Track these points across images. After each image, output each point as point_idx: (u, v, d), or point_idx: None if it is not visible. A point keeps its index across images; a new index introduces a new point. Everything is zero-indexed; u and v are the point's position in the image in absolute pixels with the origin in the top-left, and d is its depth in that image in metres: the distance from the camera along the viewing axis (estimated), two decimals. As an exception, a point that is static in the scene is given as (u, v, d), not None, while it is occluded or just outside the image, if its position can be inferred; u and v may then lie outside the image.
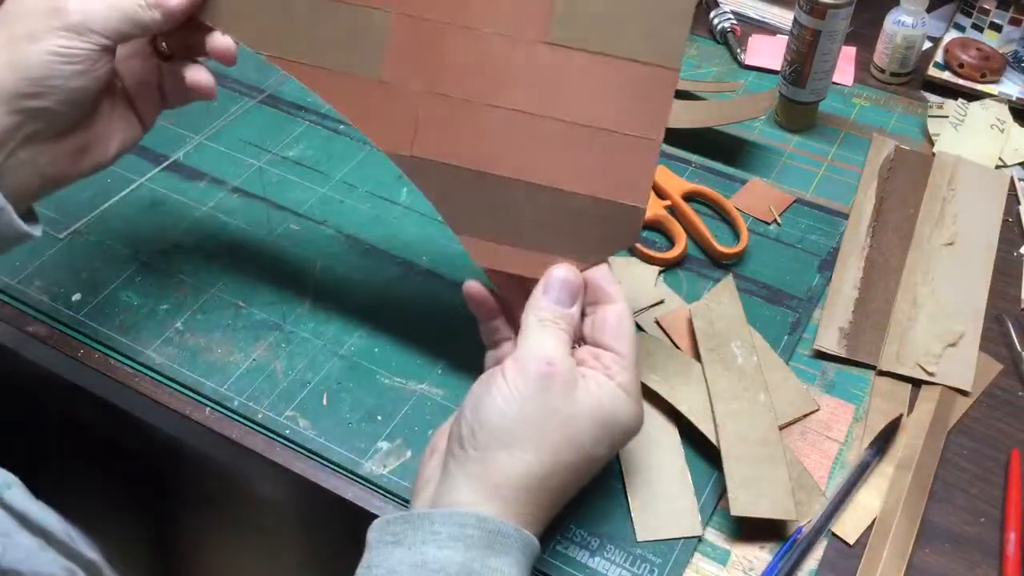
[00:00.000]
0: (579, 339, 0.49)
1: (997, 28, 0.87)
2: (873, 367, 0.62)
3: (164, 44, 0.56)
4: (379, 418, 0.59)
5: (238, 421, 0.59)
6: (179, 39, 0.55)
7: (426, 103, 0.51)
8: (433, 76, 0.51)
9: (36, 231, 0.52)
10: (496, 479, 0.44)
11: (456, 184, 0.51)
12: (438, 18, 0.51)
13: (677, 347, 0.61)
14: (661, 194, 0.73)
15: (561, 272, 0.49)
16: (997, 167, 0.77)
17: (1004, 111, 0.81)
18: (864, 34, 0.90)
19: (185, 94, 0.57)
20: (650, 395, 0.58)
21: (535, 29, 0.50)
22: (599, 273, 0.49)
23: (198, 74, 0.55)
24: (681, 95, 0.84)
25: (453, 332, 0.62)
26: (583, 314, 0.49)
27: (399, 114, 0.51)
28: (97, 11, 0.49)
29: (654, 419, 0.58)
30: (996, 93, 0.83)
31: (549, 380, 0.45)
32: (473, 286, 0.53)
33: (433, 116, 0.51)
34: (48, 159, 0.51)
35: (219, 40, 0.54)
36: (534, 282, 0.50)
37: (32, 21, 0.48)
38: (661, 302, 0.65)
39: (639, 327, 0.63)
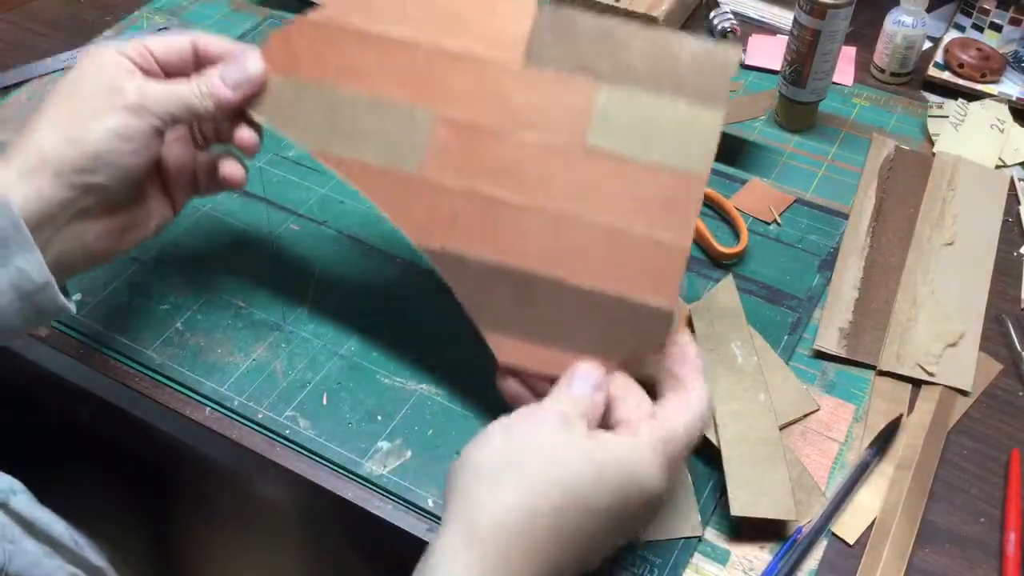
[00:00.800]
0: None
1: (997, 28, 0.87)
2: (873, 367, 0.62)
3: (199, 131, 0.58)
4: (379, 418, 0.59)
5: (238, 421, 0.59)
6: (212, 127, 0.58)
7: (462, 200, 0.52)
8: (471, 174, 0.52)
9: (72, 306, 0.53)
10: (474, 517, 0.41)
11: (486, 280, 0.52)
12: (479, 120, 0.52)
13: (677, 347, 0.61)
14: (661, 194, 0.73)
15: (584, 367, 0.48)
16: (997, 167, 0.77)
17: (1004, 111, 0.81)
18: (864, 34, 0.90)
19: (215, 184, 0.59)
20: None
21: (573, 135, 0.51)
22: (688, 366, 0.48)
23: (231, 168, 0.57)
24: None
25: (453, 332, 0.61)
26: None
27: (435, 209, 0.52)
28: (154, 94, 0.51)
29: (654, 419, 0.58)
30: (996, 93, 0.83)
31: (537, 419, 0.44)
32: (510, 386, 0.51)
33: (468, 212, 0.52)
34: (94, 236, 0.53)
35: (246, 134, 0.55)
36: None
37: (93, 99, 0.50)
38: (661, 302, 0.65)
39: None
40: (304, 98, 0.55)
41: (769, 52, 0.89)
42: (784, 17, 0.93)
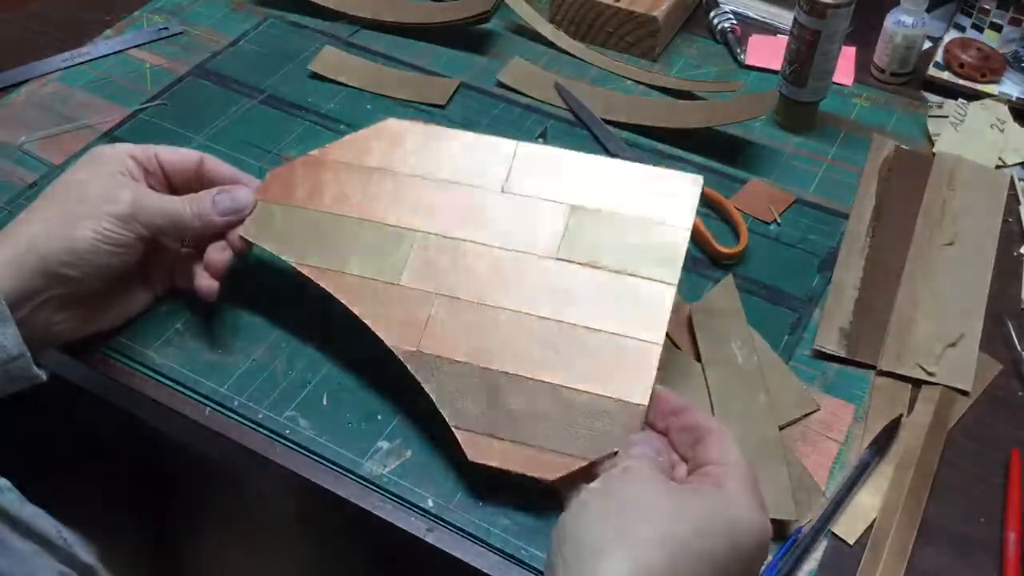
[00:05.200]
0: None
1: (997, 28, 0.87)
2: (873, 367, 0.62)
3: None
4: (379, 418, 0.59)
5: (238, 421, 0.59)
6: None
7: (438, 305, 0.55)
8: (448, 282, 0.55)
9: (43, 375, 0.55)
10: None
11: (458, 379, 0.53)
12: (459, 234, 0.56)
13: (677, 347, 0.61)
14: (661, 194, 0.73)
15: (635, 436, 0.49)
16: (997, 167, 0.77)
17: (1004, 111, 0.81)
18: (864, 34, 0.90)
19: (191, 282, 0.61)
20: (650, 395, 0.58)
21: (545, 247, 0.55)
22: (694, 414, 0.48)
23: (204, 282, 0.60)
24: (681, 95, 0.84)
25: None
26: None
27: (411, 315, 0.55)
28: (147, 207, 0.56)
29: (654, 419, 0.58)
30: (996, 93, 0.83)
31: (625, 476, 0.44)
32: None
33: (443, 316, 0.55)
34: (59, 319, 0.56)
35: (216, 256, 0.59)
36: None
37: (90, 202, 0.55)
38: (661, 302, 0.65)
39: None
40: (295, 221, 0.59)
41: (769, 52, 0.89)
42: (784, 17, 0.93)
